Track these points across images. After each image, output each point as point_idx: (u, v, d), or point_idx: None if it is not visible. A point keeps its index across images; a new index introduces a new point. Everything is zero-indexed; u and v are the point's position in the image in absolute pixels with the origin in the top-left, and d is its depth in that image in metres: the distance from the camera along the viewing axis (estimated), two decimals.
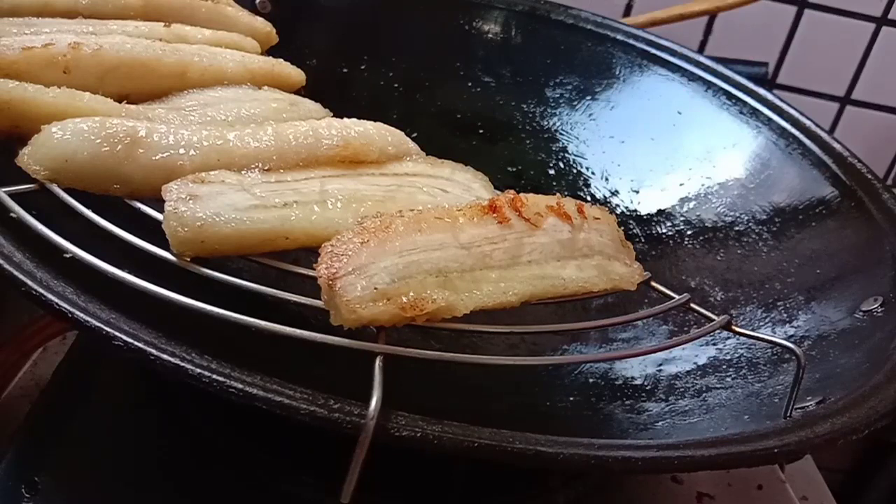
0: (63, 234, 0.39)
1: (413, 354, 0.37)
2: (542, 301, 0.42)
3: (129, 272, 0.37)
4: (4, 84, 0.43)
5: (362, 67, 0.81)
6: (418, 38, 0.83)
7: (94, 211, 0.41)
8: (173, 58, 0.51)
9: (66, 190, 0.41)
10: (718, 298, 0.63)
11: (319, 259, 0.38)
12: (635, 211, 0.74)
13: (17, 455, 0.53)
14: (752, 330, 0.52)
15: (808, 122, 0.71)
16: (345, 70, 0.80)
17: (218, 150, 0.44)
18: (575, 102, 0.81)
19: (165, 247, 0.39)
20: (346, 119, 0.50)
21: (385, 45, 0.82)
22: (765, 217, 0.67)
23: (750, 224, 0.67)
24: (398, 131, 0.51)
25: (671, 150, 0.75)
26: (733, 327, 0.45)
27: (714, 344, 0.56)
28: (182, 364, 0.34)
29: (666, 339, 0.59)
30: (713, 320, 0.45)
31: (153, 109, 0.49)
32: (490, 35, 0.84)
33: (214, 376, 0.34)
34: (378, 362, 0.36)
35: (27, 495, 0.50)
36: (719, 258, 0.67)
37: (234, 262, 0.44)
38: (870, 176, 0.64)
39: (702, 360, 0.56)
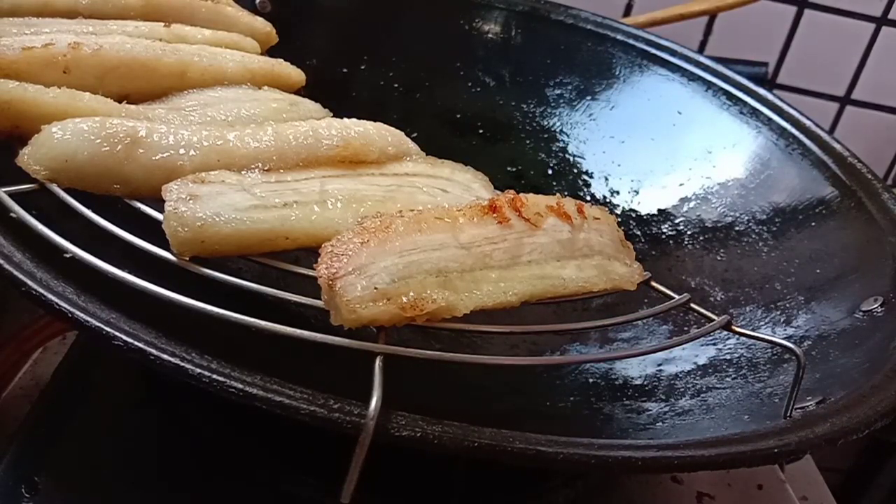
0: (63, 234, 0.39)
1: (413, 354, 0.37)
2: (542, 301, 0.42)
3: (129, 272, 0.37)
4: (4, 84, 0.43)
5: (362, 67, 0.81)
6: (418, 38, 0.83)
7: (94, 211, 0.41)
8: (173, 58, 0.51)
9: (66, 190, 0.41)
10: (718, 298, 0.63)
11: (319, 259, 0.38)
12: (635, 211, 0.74)
13: (17, 455, 0.53)
14: (752, 330, 0.52)
15: (808, 122, 0.71)
16: (345, 70, 0.80)
17: (218, 150, 0.44)
18: (575, 102, 0.81)
19: (165, 247, 0.39)
20: (346, 119, 0.50)
21: (385, 45, 0.82)
22: (765, 217, 0.67)
23: (750, 224, 0.67)
24: (398, 131, 0.51)
25: (671, 150, 0.75)
26: (733, 327, 0.45)
27: (714, 344, 0.56)
28: (182, 364, 0.34)
29: (666, 339, 0.59)
30: (713, 320, 0.45)
31: (153, 109, 0.49)
32: (490, 35, 0.84)
33: (214, 376, 0.34)
34: (378, 362, 0.36)
35: (27, 495, 0.50)
36: (719, 258, 0.67)
37: (234, 262, 0.44)
38: (870, 176, 0.64)
39: (702, 360, 0.56)
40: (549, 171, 0.78)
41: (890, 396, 0.43)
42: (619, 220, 0.54)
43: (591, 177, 0.77)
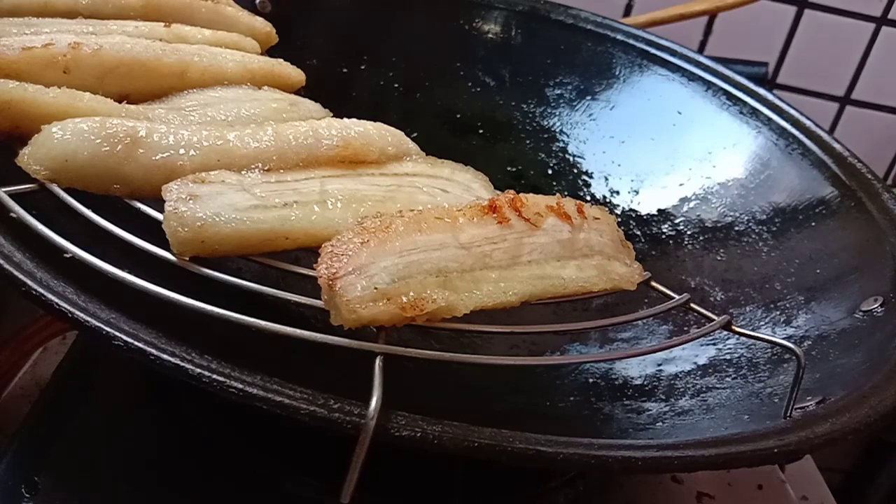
0: (63, 234, 0.39)
1: (413, 354, 0.37)
2: (542, 301, 0.42)
3: (129, 272, 0.37)
4: (4, 84, 0.43)
5: (362, 67, 0.81)
6: (418, 38, 0.83)
7: (94, 211, 0.41)
8: (173, 58, 0.51)
9: (66, 190, 0.41)
10: (718, 298, 0.63)
11: (319, 259, 0.38)
12: (635, 211, 0.74)
13: (17, 455, 0.53)
14: (752, 330, 0.52)
15: (808, 122, 0.71)
16: (345, 70, 0.80)
17: (218, 150, 0.44)
18: (575, 102, 0.81)
19: (165, 247, 0.39)
20: (346, 119, 0.50)
21: (385, 45, 0.82)
22: (765, 217, 0.67)
23: (750, 224, 0.67)
24: (398, 131, 0.51)
25: (671, 150, 0.75)
26: (733, 327, 0.45)
27: (714, 344, 0.56)
28: (182, 364, 0.34)
29: (666, 339, 0.59)
30: (713, 320, 0.45)
31: (153, 109, 0.49)
32: (490, 35, 0.84)
33: (214, 376, 0.34)
34: (378, 362, 0.36)
35: (27, 495, 0.50)
36: (719, 258, 0.67)
37: (234, 262, 0.44)
38: (870, 176, 0.64)
39: (702, 360, 0.56)
40: (549, 171, 0.78)
41: (890, 396, 0.43)
42: (619, 220, 0.54)
43: (591, 177, 0.77)
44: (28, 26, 0.50)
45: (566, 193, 0.76)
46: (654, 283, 0.47)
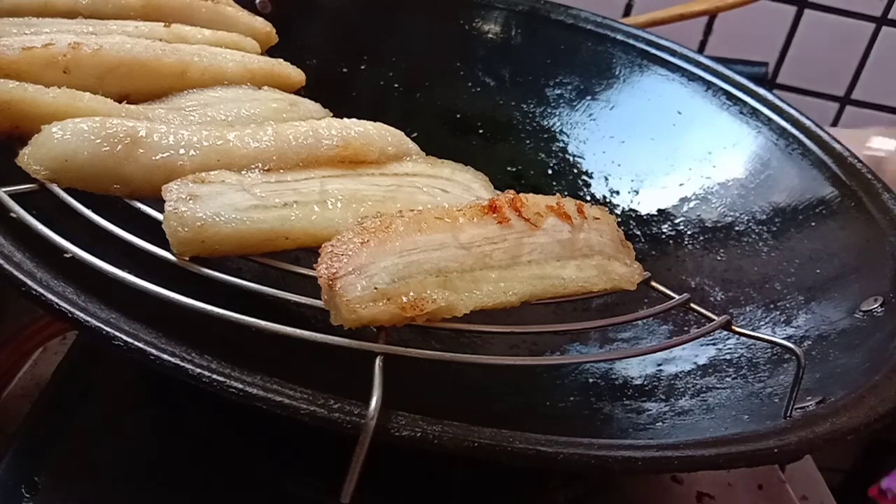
0: (63, 234, 0.39)
1: (413, 354, 0.37)
2: (542, 301, 0.42)
3: (129, 272, 0.37)
4: (4, 84, 0.43)
5: (362, 67, 0.81)
6: (418, 38, 0.83)
7: (94, 211, 0.41)
8: (173, 58, 0.51)
9: (66, 190, 0.41)
10: (718, 298, 0.63)
11: (319, 259, 0.38)
12: (635, 211, 0.74)
13: (17, 455, 0.53)
14: (752, 330, 0.52)
15: (808, 122, 0.71)
16: (345, 70, 0.80)
17: (218, 150, 0.44)
18: (575, 102, 0.81)
19: (165, 247, 0.39)
20: (346, 119, 0.50)
21: (385, 45, 0.82)
22: (765, 217, 0.67)
23: (750, 224, 0.67)
24: (398, 131, 0.51)
25: (671, 150, 0.75)
26: (733, 327, 0.45)
27: (714, 344, 0.56)
28: (182, 364, 0.34)
29: (666, 339, 0.59)
30: (713, 320, 0.45)
31: (153, 109, 0.49)
32: (490, 35, 0.84)
33: (214, 376, 0.34)
34: (378, 362, 0.36)
35: (27, 495, 0.50)
36: (719, 258, 0.67)
37: (234, 262, 0.44)
38: (870, 176, 0.64)
39: (702, 360, 0.56)
40: (549, 171, 0.78)
41: (890, 396, 0.43)
42: (619, 220, 0.54)
43: (591, 177, 0.77)
44: (28, 26, 0.50)
45: (566, 193, 0.76)
46: (654, 283, 0.47)
